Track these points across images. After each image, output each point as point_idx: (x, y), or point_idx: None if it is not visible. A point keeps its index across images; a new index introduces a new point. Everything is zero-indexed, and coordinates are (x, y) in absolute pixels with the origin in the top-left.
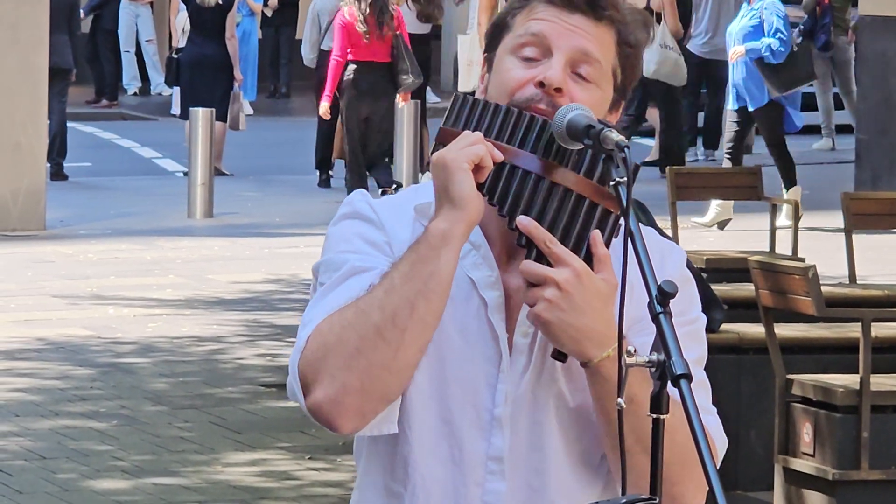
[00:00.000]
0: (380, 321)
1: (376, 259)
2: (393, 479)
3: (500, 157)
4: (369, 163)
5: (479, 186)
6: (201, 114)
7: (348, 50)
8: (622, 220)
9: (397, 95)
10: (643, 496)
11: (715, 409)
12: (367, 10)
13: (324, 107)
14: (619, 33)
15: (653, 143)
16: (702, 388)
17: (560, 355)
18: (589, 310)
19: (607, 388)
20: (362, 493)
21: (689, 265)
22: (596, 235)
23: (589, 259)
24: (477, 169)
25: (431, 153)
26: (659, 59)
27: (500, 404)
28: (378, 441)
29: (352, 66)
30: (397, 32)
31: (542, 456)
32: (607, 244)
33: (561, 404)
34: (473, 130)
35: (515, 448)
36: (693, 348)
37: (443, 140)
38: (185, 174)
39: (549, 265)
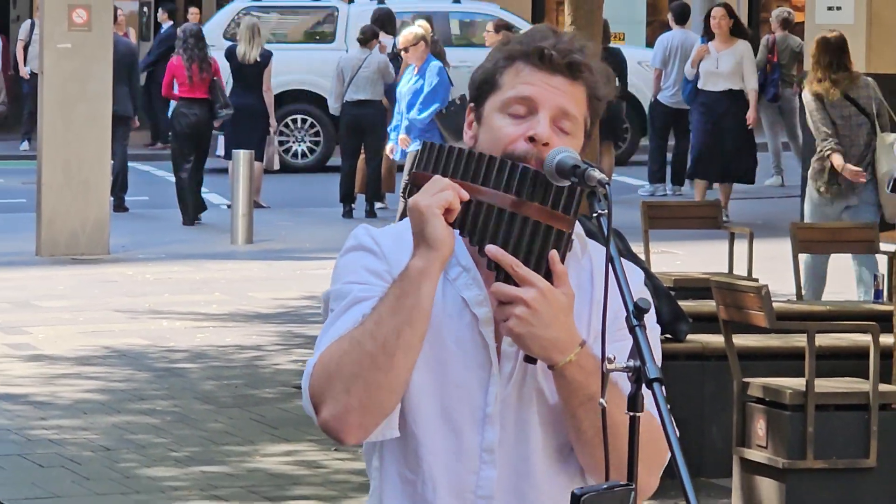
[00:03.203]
0: (372, 349)
1: (377, 287)
2: (407, 468)
3: (466, 196)
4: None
5: (452, 223)
6: (242, 155)
7: (172, 88)
8: (574, 239)
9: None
10: (622, 483)
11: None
12: (191, 59)
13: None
14: (590, 89)
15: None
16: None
17: (531, 359)
18: (554, 322)
19: (570, 387)
20: (383, 481)
21: (658, 284)
22: (554, 255)
23: (548, 276)
24: (447, 211)
25: (404, 191)
26: None
27: (490, 403)
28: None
29: (179, 102)
30: (214, 78)
31: (526, 447)
32: (562, 260)
33: (541, 402)
34: (442, 173)
35: (504, 440)
36: None
37: (415, 182)
38: (229, 206)
39: (517, 286)
